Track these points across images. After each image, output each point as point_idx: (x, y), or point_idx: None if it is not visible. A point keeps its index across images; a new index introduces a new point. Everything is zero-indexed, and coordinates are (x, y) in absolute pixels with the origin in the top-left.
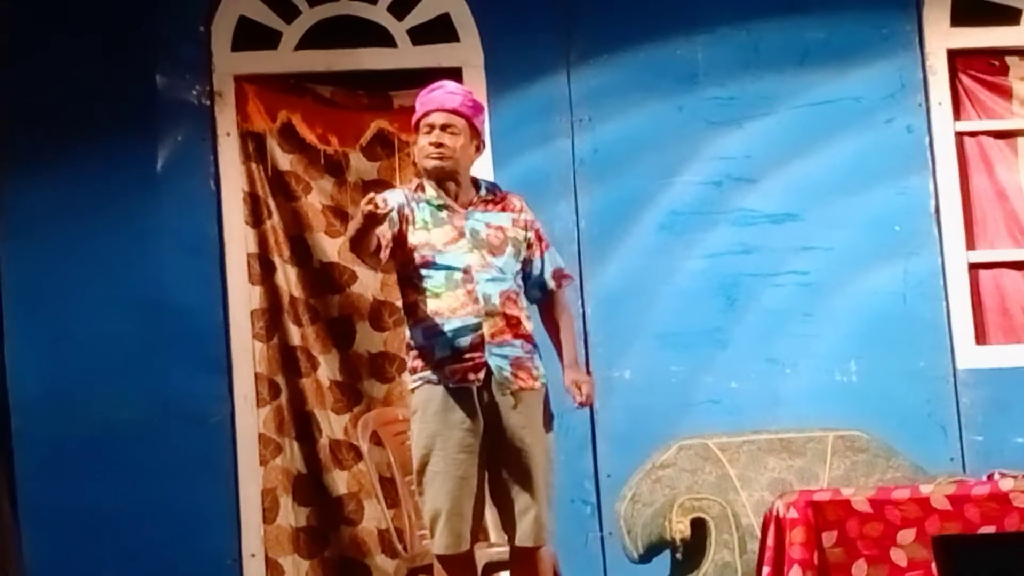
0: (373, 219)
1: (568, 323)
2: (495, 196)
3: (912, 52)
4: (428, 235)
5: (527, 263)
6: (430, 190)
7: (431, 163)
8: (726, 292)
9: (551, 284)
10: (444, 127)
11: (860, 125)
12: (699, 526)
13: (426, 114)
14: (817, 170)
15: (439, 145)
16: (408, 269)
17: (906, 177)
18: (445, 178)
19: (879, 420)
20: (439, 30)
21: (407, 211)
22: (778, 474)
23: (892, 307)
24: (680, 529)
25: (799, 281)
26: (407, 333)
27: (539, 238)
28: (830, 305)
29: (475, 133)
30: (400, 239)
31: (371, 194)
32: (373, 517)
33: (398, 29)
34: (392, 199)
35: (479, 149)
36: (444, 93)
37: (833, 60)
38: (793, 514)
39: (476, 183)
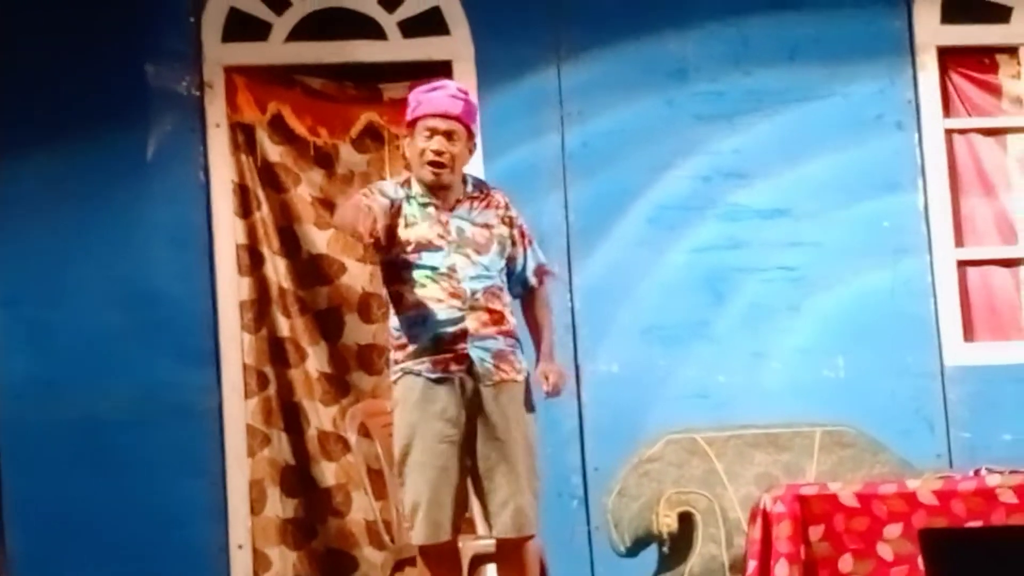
0: (360, 239)
1: (547, 319)
2: (481, 193)
3: (902, 49)
4: (416, 231)
5: (511, 260)
6: (416, 187)
7: (429, 177)
8: (713, 286)
9: (532, 281)
10: (447, 134)
11: (849, 121)
12: (686, 520)
13: (426, 116)
14: (806, 166)
15: (440, 153)
16: (395, 262)
17: (895, 174)
18: (440, 187)
19: (866, 416)
20: (430, 23)
21: (398, 203)
22: (765, 468)
23: (880, 303)
24: (667, 523)
25: (787, 276)
26: (391, 322)
27: (522, 234)
28: (818, 301)
29: (471, 136)
30: (390, 231)
31: (370, 210)
32: (361, 508)
33: (388, 21)
34: (386, 190)
35: (472, 151)
36: (447, 97)
37: (823, 56)
38: (780, 508)
39: (463, 178)
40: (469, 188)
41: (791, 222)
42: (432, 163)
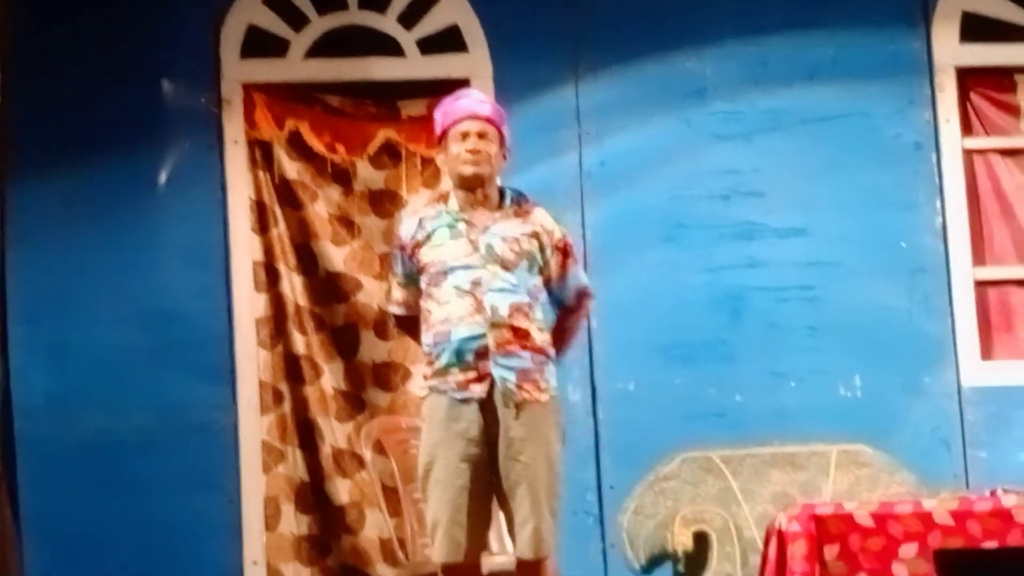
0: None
1: (571, 332)
2: (519, 207)
3: (921, 69)
4: (442, 251)
5: (552, 281)
6: (453, 201)
7: (469, 169)
8: (731, 305)
9: (571, 302)
10: (480, 135)
11: (868, 141)
12: (701, 539)
13: (457, 122)
14: (824, 185)
15: (475, 152)
16: (427, 281)
17: (913, 193)
18: (477, 185)
19: (883, 435)
20: (448, 41)
21: (420, 235)
22: (781, 488)
23: (898, 323)
24: (682, 541)
25: (805, 296)
26: (423, 339)
27: (566, 255)
28: (835, 320)
29: (503, 140)
30: (415, 262)
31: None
32: (375, 526)
33: (407, 39)
34: (404, 230)
35: (506, 157)
36: (474, 101)
37: (841, 76)
38: (795, 527)
39: (502, 192)
40: (507, 203)
41: (809, 241)
42: (468, 161)
